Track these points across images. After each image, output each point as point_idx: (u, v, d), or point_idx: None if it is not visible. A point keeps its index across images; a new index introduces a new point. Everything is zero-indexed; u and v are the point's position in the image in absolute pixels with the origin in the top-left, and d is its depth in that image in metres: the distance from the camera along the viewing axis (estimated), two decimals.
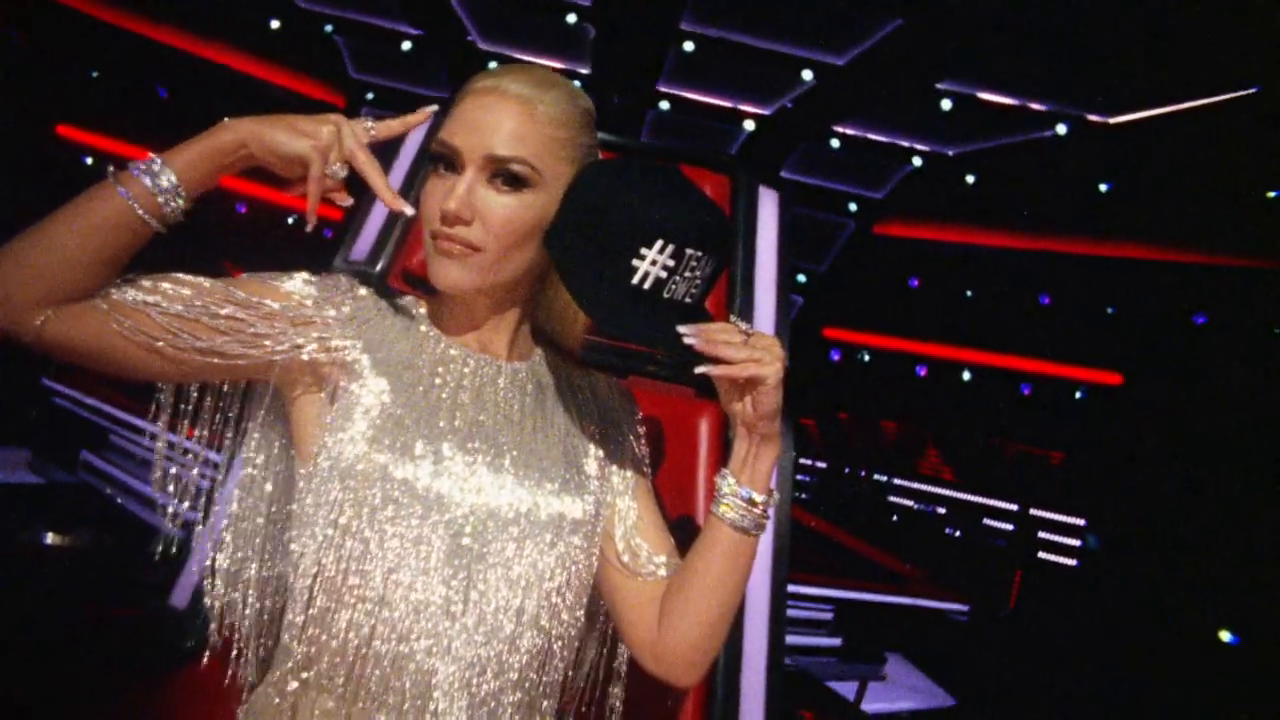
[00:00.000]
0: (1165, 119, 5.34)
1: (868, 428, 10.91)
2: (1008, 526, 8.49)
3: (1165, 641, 6.22)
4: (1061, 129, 5.92)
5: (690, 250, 0.86)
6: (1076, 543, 8.16)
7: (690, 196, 0.89)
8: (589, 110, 0.96)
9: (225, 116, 0.86)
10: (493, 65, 0.99)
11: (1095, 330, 8.25)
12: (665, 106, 6.93)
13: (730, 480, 0.93)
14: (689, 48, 5.88)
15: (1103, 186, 6.72)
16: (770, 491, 0.93)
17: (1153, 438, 7.24)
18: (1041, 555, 8.06)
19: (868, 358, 10.11)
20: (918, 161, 7.24)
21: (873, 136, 6.98)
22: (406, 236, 1.55)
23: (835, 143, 7.10)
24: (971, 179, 7.22)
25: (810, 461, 10.15)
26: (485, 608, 0.90)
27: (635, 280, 0.86)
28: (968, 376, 9.49)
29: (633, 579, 1.00)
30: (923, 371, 9.80)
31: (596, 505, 1.00)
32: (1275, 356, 6.57)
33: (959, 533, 8.65)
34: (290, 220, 8.73)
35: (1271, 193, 5.74)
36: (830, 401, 10.57)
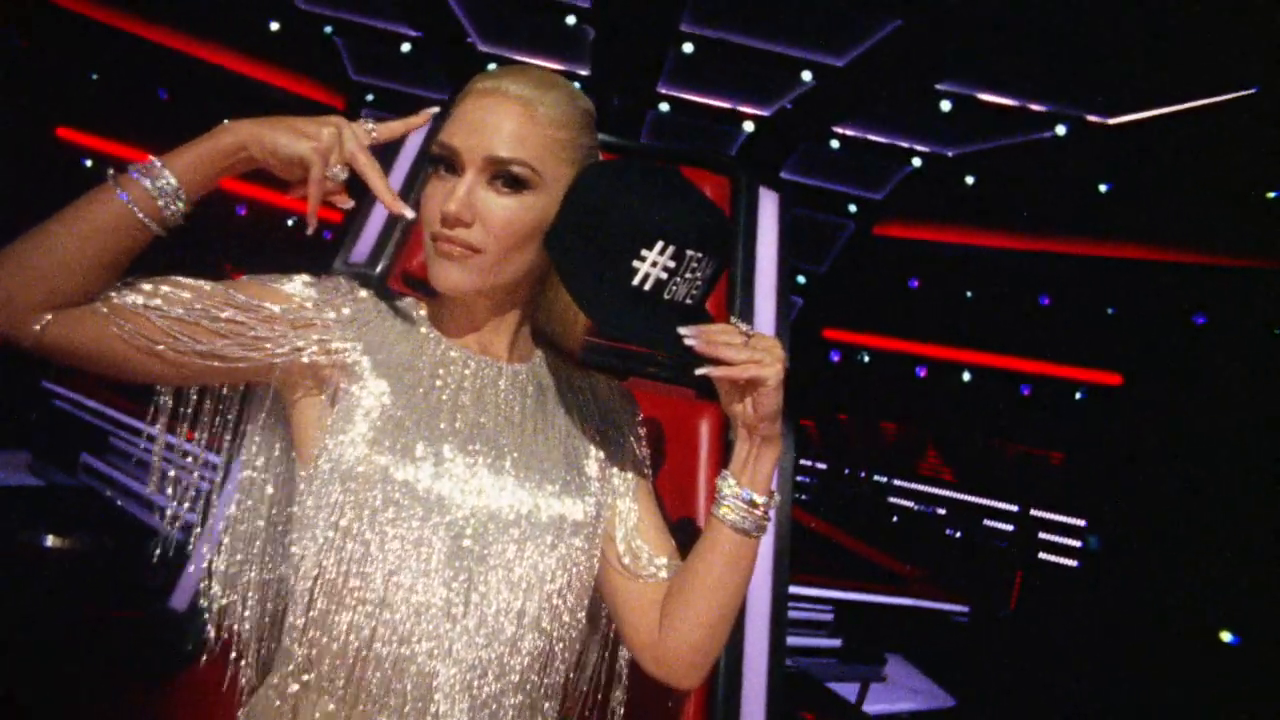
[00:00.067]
0: (1165, 119, 5.34)
1: (868, 429, 10.91)
2: (1008, 527, 8.48)
3: (1165, 641, 6.21)
4: (1061, 130, 5.92)
5: (691, 251, 0.86)
6: (1077, 543, 8.16)
7: (690, 197, 0.89)
8: (589, 111, 0.96)
9: (225, 118, 0.85)
10: (492, 67, 0.99)
11: (1095, 331, 8.25)
12: (665, 108, 6.93)
13: (731, 482, 0.93)
14: (688, 49, 5.88)
15: (1102, 187, 6.72)
16: (771, 493, 0.93)
17: (1153, 438, 7.23)
18: (1042, 556, 8.06)
19: (867, 359, 10.11)
20: (917, 162, 7.24)
21: (872, 137, 6.99)
22: (406, 238, 1.54)
23: (835, 144, 7.11)
24: (971, 180, 7.23)
25: (810, 463, 10.15)
26: (486, 610, 0.90)
27: (636, 281, 0.86)
28: (968, 377, 9.49)
29: (633, 581, 1.00)
30: (923, 372, 9.80)
31: (597, 507, 1.00)
32: (1275, 356, 6.57)
33: (959, 533, 8.63)
34: (290, 222, 8.72)
35: (1271, 193, 5.74)
36: (830, 402, 10.57)
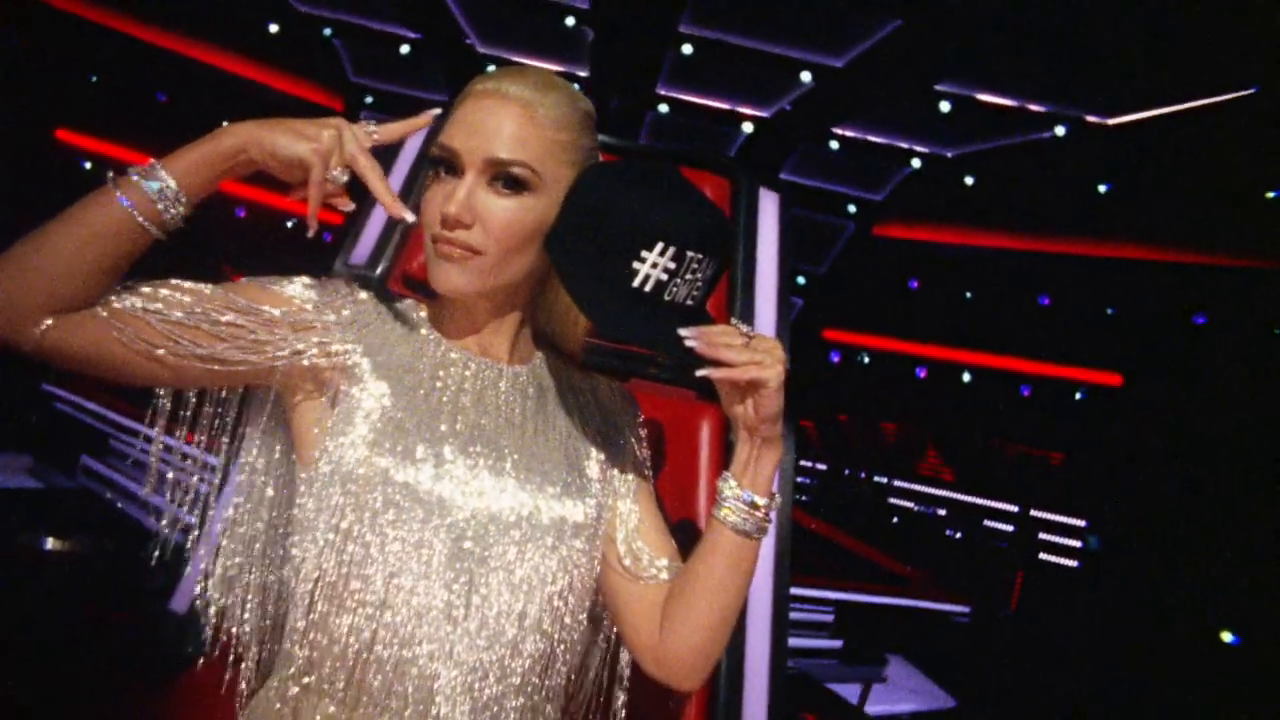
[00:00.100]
0: (1164, 119, 5.34)
1: (868, 429, 10.91)
2: (1008, 527, 8.47)
3: (1166, 642, 6.21)
4: (1060, 130, 5.92)
5: (691, 252, 0.86)
6: (1077, 544, 8.15)
7: (691, 198, 0.88)
8: (589, 113, 0.96)
9: (224, 121, 0.85)
10: (491, 68, 0.99)
11: (1095, 331, 8.26)
12: (664, 109, 6.93)
13: (732, 483, 0.92)
14: (687, 50, 5.88)
15: (1102, 187, 6.73)
16: (772, 495, 0.92)
17: (1153, 438, 7.23)
18: (1042, 556, 8.05)
19: (867, 359, 10.11)
20: (917, 163, 7.25)
21: (871, 138, 6.99)
22: (406, 240, 1.54)
23: (834, 144, 7.11)
24: (970, 180, 7.23)
25: (810, 463, 10.14)
26: (487, 612, 0.90)
27: (636, 283, 0.86)
28: (967, 378, 9.49)
29: (634, 583, 1.00)
30: (922, 373, 9.80)
31: (598, 508, 0.99)
32: (1275, 356, 6.57)
33: (960, 534, 8.63)
34: (289, 224, 8.73)
35: (1270, 193, 5.74)
36: (830, 403, 10.57)
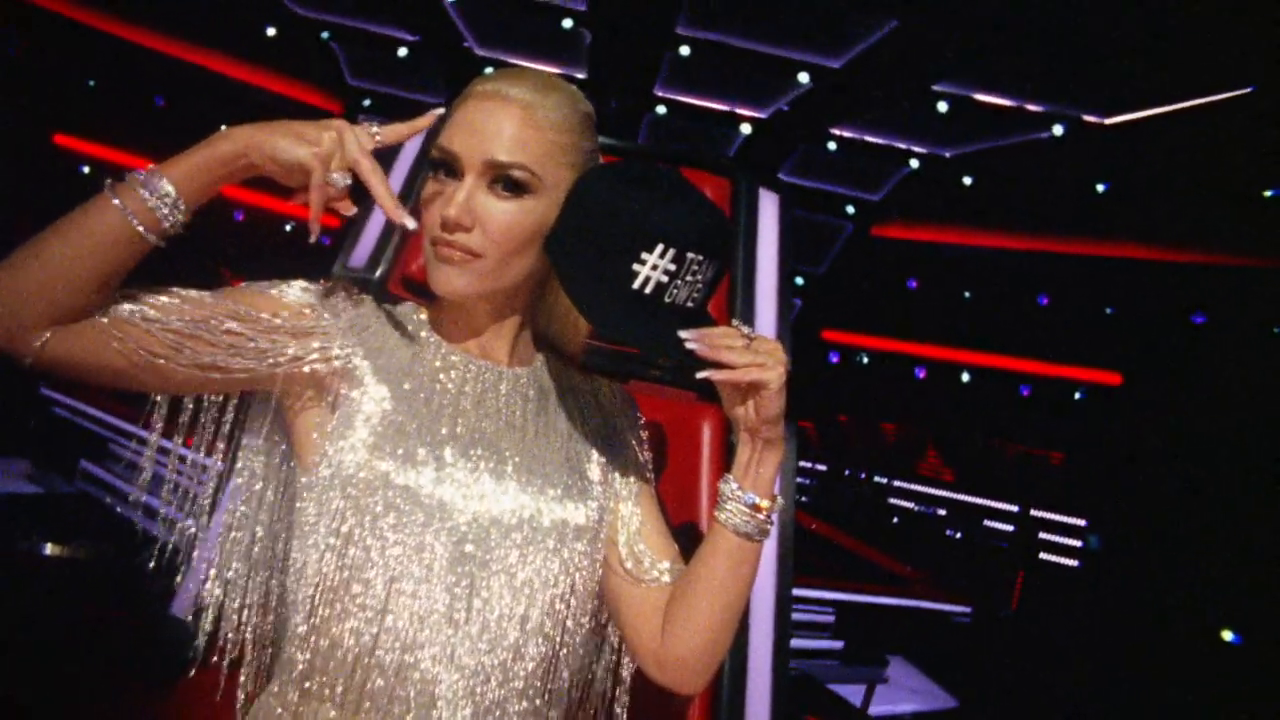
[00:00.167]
0: (1162, 119, 5.34)
1: (867, 430, 10.90)
2: (1008, 527, 8.46)
3: (1166, 641, 6.20)
4: (1058, 130, 5.92)
5: (691, 254, 0.86)
6: (1077, 543, 8.14)
7: (691, 199, 0.88)
8: (589, 114, 0.96)
9: (222, 124, 0.84)
10: (489, 71, 0.98)
11: (1094, 330, 8.25)
12: (662, 111, 6.93)
13: (734, 485, 0.92)
14: (685, 52, 5.88)
15: (1100, 187, 6.73)
16: (774, 496, 0.92)
17: (1153, 438, 7.23)
18: (1043, 556, 8.04)
19: (866, 360, 10.10)
20: (915, 163, 7.25)
21: (869, 139, 6.99)
22: (406, 243, 1.54)
23: (832, 145, 7.11)
24: (969, 180, 7.23)
25: (810, 464, 10.13)
26: (489, 615, 0.89)
27: (636, 285, 0.85)
28: (967, 378, 9.49)
29: (636, 585, 0.99)
30: (922, 373, 9.80)
31: (599, 511, 0.99)
32: (1275, 356, 6.57)
33: (960, 534, 8.62)
34: (289, 228, 8.73)
35: (1269, 192, 5.74)
36: (829, 404, 10.56)
